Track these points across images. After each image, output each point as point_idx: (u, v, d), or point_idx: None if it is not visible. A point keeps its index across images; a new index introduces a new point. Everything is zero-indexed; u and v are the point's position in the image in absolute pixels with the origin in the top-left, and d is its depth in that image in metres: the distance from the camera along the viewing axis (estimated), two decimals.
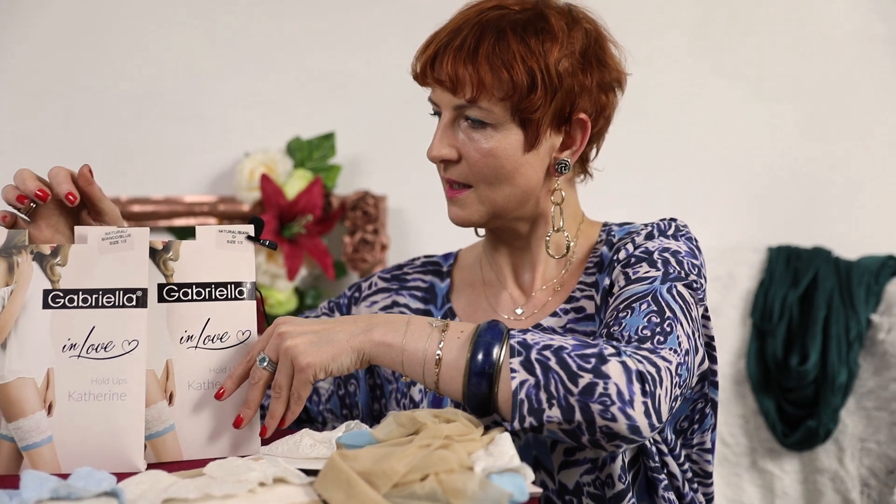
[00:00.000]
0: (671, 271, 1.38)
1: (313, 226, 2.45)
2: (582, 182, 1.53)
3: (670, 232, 1.45)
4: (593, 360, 1.21)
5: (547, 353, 1.22)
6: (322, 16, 2.52)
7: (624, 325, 1.31)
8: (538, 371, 1.21)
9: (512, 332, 1.25)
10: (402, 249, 2.50)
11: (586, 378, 1.20)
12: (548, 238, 1.47)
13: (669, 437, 1.44)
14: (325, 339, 1.27)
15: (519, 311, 1.51)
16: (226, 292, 1.32)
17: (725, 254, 2.41)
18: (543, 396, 1.20)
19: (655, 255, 1.40)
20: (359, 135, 2.53)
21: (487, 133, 1.41)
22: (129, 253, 1.27)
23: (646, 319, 1.30)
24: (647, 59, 2.45)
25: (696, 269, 1.42)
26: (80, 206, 1.35)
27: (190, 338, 1.31)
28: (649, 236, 1.44)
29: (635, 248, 1.43)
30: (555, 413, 1.20)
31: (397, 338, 1.26)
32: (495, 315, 1.53)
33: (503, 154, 1.41)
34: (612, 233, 1.50)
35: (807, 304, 2.31)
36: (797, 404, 2.27)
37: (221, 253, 1.33)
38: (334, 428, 1.54)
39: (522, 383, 1.20)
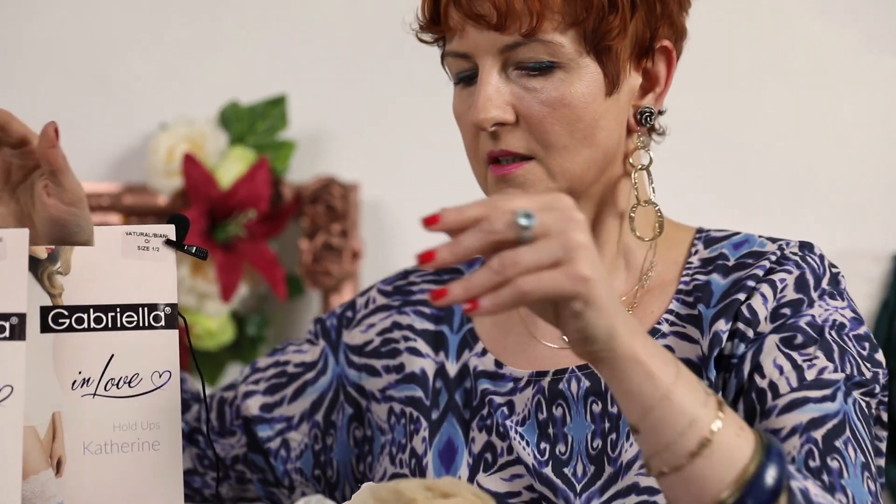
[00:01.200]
0: (850, 370, 1.37)
1: (257, 225, 2.45)
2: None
3: (826, 282, 1.42)
4: None
5: None
6: None
7: (847, 489, 1.30)
8: None
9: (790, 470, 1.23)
10: (383, 259, 2.49)
11: None
12: (632, 213, 1.45)
13: None
14: (607, 280, 1.16)
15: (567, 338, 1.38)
16: (136, 318, 1.33)
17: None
18: None
19: (827, 335, 1.38)
20: (320, 99, 2.54)
21: (556, 78, 1.40)
22: (1, 264, 1.27)
23: (866, 486, 1.31)
24: None
25: (867, 351, 1.40)
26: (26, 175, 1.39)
27: (86, 382, 1.31)
28: (801, 286, 1.41)
29: (795, 312, 1.40)
30: None
31: (667, 373, 1.18)
32: (534, 343, 1.50)
33: (581, 102, 1.40)
34: (717, 248, 1.47)
35: None
36: None
37: (130, 264, 1.33)
38: (303, 495, 1.55)
39: None
